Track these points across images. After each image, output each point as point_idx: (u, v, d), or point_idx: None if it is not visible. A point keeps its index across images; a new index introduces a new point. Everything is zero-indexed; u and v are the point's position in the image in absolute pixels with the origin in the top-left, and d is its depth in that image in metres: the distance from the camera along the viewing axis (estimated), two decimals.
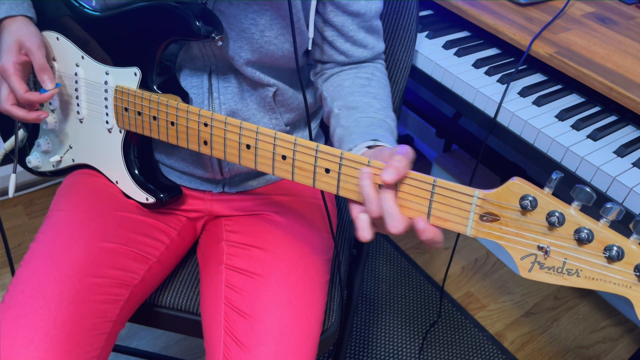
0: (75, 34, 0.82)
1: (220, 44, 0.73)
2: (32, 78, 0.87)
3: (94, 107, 0.84)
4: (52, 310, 0.72)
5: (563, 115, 1.01)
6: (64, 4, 0.82)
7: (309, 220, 0.90)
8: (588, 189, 0.50)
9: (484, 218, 0.55)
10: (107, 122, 0.83)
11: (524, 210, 0.52)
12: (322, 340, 0.86)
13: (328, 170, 0.62)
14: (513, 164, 1.69)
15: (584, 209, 0.51)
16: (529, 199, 0.52)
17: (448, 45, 1.17)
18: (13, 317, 0.72)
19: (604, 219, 0.50)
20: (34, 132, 0.93)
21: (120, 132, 0.83)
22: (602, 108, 1.06)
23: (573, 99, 1.08)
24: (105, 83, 0.81)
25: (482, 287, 1.72)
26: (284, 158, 0.65)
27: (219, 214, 0.94)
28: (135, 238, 0.85)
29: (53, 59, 0.85)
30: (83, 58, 0.82)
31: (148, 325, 0.94)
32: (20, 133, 0.92)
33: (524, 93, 1.06)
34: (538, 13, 1.17)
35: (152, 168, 0.88)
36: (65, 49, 0.84)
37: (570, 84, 1.09)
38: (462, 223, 0.56)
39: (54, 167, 0.93)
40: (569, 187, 0.55)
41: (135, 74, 0.78)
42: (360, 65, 0.88)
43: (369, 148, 0.69)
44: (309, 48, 0.83)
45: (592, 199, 0.50)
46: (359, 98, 0.81)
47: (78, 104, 0.86)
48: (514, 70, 1.08)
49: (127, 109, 0.79)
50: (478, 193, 0.55)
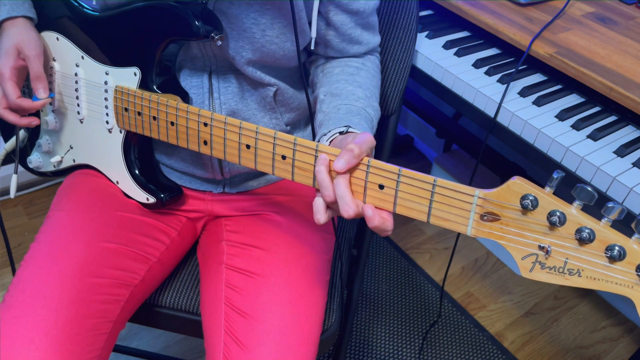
0: (75, 34, 0.82)
1: (220, 44, 0.73)
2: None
3: (94, 107, 0.84)
4: (52, 311, 0.72)
5: (563, 115, 1.01)
6: (64, 4, 0.82)
7: (309, 220, 0.90)
8: (589, 188, 0.49)
9: (485, 218, 0.55)
10: (107, 122, 0.83)
11: (525, 210, 0.52)
12: (322, 340, 0.86)
13: None
14: (513, 164, 1.69)
15: (586, 209, 0.51)
16: (530, 199, 0.51)
17: (448, 45, 1.17)
18: (13, 317, 0.72)
19: (606, 219, 0.50)
20: (35, 132, 0.93)
21: (121, 132, 0.83)
22: (602, 108, 1.06)
23: (573, 99, 1.08)
24: (105, 83, 0.81)
25: (482, 287, 1.72)
26: (284, 158, 0.65)
27: (219, 214, 0.94)
28: (136, 238, 0.85)
29: (53, 59, 0.85)
30: (83, 58, 0.82)
31: (148, 325, 0.94)
32: (21, 133, 0.92)
33: (524, 93, 1.06)
34: (538, 13, 1.17)
35: (152, 168, 0.88)
36: (65, 49, 0.84)
37: (570, 84, 1.09)
38: (462, 223, 0.56)
39: (55, 167, 0.93)
40: (569, 187, 0.55)
41: (135, 74, 0.78)
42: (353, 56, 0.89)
43: (341, 134, 0.69)
44: (312, 48, 0.83)
45: (593, 199, 0.49)
46: (344, 86, 0.81)
47: (78, 104, 0.86)
48: (514, 70, 1.08)
49: (127, 109, 0.79)
50: (478, 193, 0.54)
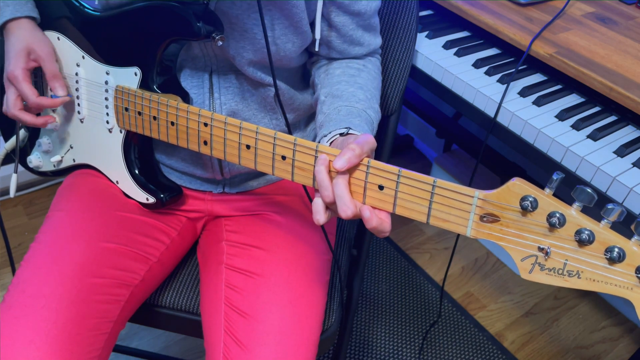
0: (76, 34, 0.82)
1: (221, 44, 0.73)
2: (32, 79, 0.87)
3: (95, 107, 0.84)
4: (52, 311, 0.72)
5: (563, 115, 1.01)
6: (65, 4, 0.82)
7: (309, 221, 0.90)
8: (589, 190, 0.49)
9: (484, 219, 0.55)
10: (107, 122, 0.83)
11: (525, 211, 0.52)
12: (322, 340, 0.86)
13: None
14: (513, 164, 1.69)
15: (585, 210, 0.51)
16: (530, 200, 0.51)
17: (448, 45, 1.17)
18: (14, 317, 0.72)
19: (605, 220, 0.50)
20: (35, 132, 0.93)
21: (121, 132, 0.83)
22: (602, 108, 1.06)
23: (573, 99, 1.08)
24: (106, 83, 0.81)
25: (482, 287, 1.72)
26: (284, 158, 0.65)
27: (219, 214, 0.94)
28: (136, 238, 0.85)
29: (55, 60, 0.85)
30: (84, 58, 0.82)
31: (148, 325, 0.94)
32: (22, 133, 0.92)
33: (524, 93, 1.06)
34: (538, 13, 1.17)
35: (152, 168, 0.88)
36: (66, 49, 0.84)
37: (570, 84, 1.09)
38: (462, 224, 0.56)
39: (55, 167, 0.93)
40: (569, 187, 0.55)
41: (136, 74, 0.78)
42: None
43: (341, 135, 0.69)
44: (316, 49, 0.83)
45: (593, 200, 0.49)
46: (345, 87, 0.81)
47: (79, 104, 0.86)
48: (514, 70, 1.08)
49: (127, 109, 0.79)
50: (478, 194, 0.54)
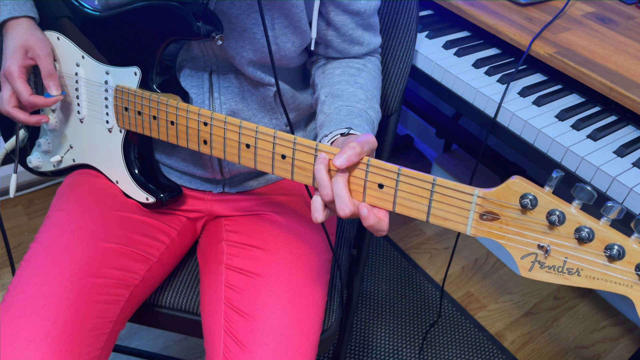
0: (76, 34, 0.82)
1: (220, 44, 0.73)
2: (32, 78, 0.87)
3: (95, 106, 0.84)
4: (52, 311, 0.72)
5: (563, 115, 1.01)
6: (65, 4, 0.82)
7: (309, 221, 0.90)
8: (589, 188, 0.49)
9: (484, 217, 0.55)
10: (107, 121, 0.83)
11: (524, 209, 0.52)
12: (322, 340, 0.86)
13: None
14: (513, 164, 1.69)
15: (585, 208, 0.51)
16: (529, 198, 0.51)
17: (448, 45, 1.17)
18: (14, 317, 0.72)
19: (605, 218, 0.50)
20: (35, 132, 0.93)
21: (121, 131, 0.83)
22: (602, 108, 1.06)
23: (573, 99, 1.08)
24: (106, 83, 0.81)
25: (482, 287, 1.72)
26: (284, 157, 0.65)
27: (219, 214, 0.94)
28: (136, 238, 0.85)
29: (54, 60, 0.85)
30: (83, 58, 0.82)
31: (148, 325, 0.94)
32: (21, 133, 0.92)
33: (524, 93, 1.06)
34: (538, 13, 1.17)
35: (152, 168, 0.88)
36: (66, 49, 0.84)
37: (570, 84, 1.09)
38: (462, 222, 0.56)
39: (55, 167, 0.93)
40: (569, 187, 0.55)
41: (136, 74, 0.78)
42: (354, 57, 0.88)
43: (342, 135, 0.69)
44: (312, 48, 0.83)
45: (593, 198, 0.50)
46: (345, 87, 0.81)
47: (78, 104, 0.86)
48: (514, 70, 1.08)
49: (127, 109, 0.79)
50: (478, 192, 0.54)
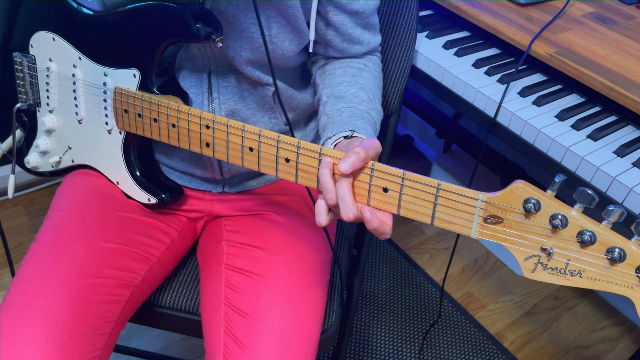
0: (73, 35, 0.82)
1: (220, 45, 0.73)
2: (29, 79, 0.87)
3: (93, 108, 0.84)
4: (53, 311, 0.72)
5: (563, 115, 1.01)
6: (61, 4, 0.81)
7: (309, 221, 0.90)
8: (590, 192, 0.50)
9: (488, 221, 0.56)
10: (106, 123, 0.83)
11: (528, 213, 0.53)
12: (322, 340, 0.86)
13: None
14: (513, 164, 1.69)
15: (586, 211, 0.52)
16: (533, 202, 0.52)
17: (448, 45, 1.17)
18: (14, 317, 0.72)
19: (606, 221, 0.51)
20: (32, 132, 0.93)
21: (120, 133, 0.82)
22: (602, 108, 1.06)
23: (573, 99, 1.07)
24: (104, 84, 0.81)
25: (482, 287, 1.72)
26: (287, 161, 0.65)
27: (219, 214, 0.94)
28: (136, 238, 0.85)
29: (49, 60, 0.85)
30: (80, 59, 0.82)
31: (148, 325, 0.94)
32: (18, 133, 0.92)
33: (524, 93, 1.06)
34: (538, 13, 1.17)
35: (152, 168, 0.88)
36: (62, 50, 0.83)
37: (570, 84, 1.09)
38: (466, 225, 0.57)
39: (53, 167, 0.93)
40: (569, 187, 0.55)
41: (135, 75, 0.77)
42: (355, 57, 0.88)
43: (346, 138, 0.70)
44: (310, 50, 0.83)
45: (594, 202, 0.50)
46: (347, 88, 0.81)
47: (76, 105, 0.85)
48: (514, 70, 1.07)
49: (127, 111, 0.79)
50: (482, 196, 0.55)
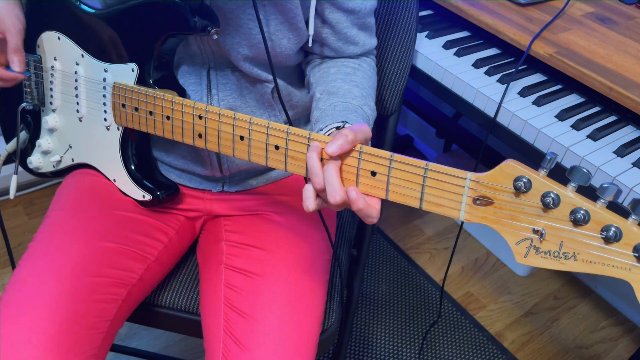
0: (76, 33, 0.83)
1: (216, 37, 0.73)
2: (33, 70, 0.88)
3: (93, 104, 0.84)
4: (50, 309, 0.72)
5: (563, 115, 1.01)
6: (64, 3, 0.82)
7: (309, 220, 0.90)
8: (584, 169, 0.48)
9: (478, 202, 0.54)
10: (105, 119, 0.83)
11: (518, 192, 0.51)
12: (322, 340, 0.86)
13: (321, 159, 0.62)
14: None
15: (580, 191, 0.50)
16: (523, 181, 0.50)
17: (448, 45, 1.17)
18: (11, 316, 0.72)
19: (601, 200, 0.48)
20: (35, 132, 0.93)
21: (118, 129, 0.83)
22: (602, 108, 1.06)
23: (573, 99, 1.07)
24: (104, 80, 0.81)
25: (482, 287, 1.72)
26: (277, 148, 0.65)
27: (219, 214, 0.94)
28: (134, 237, 0.85)
29: (54, 59, 0.86)
30: (83, 56, 0.82)
31: (148, 325, 0.94)
32: (23, 134, 0.93)
33: (524, 93, 1.05)
34: (538, 13, 1.17)
35: (149, 166, 0.88)
36: (66, 49, 0.84)
37: (570, 84, 1.09)
38: (455, 207, 0.55)
39: (54, 167, 0.93)
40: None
41: (133, 70, 0.78)
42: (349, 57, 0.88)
43: (338, 129, 0.69)
44: (310, 44, 0.83)
45: (588, 179, 0.48)
46: (341, 84, 0.81)
47: (78, 103, 0.86)
48: (514, 70, 1.07)
49: (124, 105, 0.79)
50: (470, 175, 0.54)
